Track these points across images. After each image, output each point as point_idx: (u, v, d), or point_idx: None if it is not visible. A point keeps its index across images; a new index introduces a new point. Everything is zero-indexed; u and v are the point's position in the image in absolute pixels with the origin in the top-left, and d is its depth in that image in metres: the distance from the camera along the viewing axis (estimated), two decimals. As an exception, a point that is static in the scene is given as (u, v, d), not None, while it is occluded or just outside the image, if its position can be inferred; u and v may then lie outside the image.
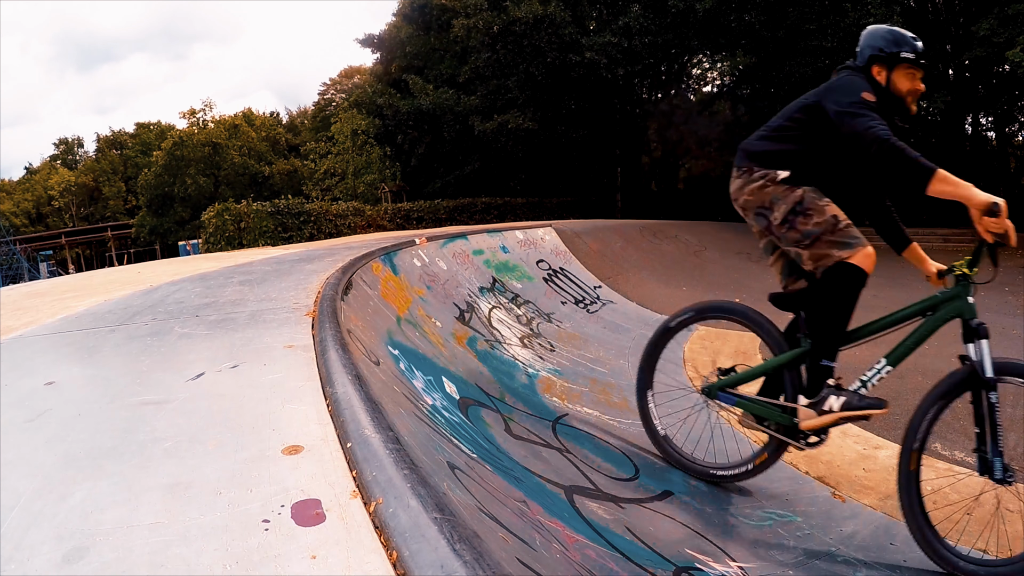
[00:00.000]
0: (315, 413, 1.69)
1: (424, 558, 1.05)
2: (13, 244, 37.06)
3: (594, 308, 6.78)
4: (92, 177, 48.30)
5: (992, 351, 2.30)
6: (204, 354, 2.26)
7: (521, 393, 3.81)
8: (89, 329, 2.75)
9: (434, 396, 2.69)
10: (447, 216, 16.03)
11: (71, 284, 4.58)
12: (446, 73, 20.57)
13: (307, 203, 12.83)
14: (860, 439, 3.55)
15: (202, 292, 3.45)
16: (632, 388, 3.32)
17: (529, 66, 16.91)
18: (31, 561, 1.09)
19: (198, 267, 4.62)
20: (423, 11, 22.03)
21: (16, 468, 1.44)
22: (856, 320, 2.64)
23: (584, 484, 2.61)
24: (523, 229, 8.03)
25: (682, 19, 15.63)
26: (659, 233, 11.13)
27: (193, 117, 42.17)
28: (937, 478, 2.86)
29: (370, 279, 4.07)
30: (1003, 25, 12.72)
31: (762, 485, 3.00)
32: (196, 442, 1.53)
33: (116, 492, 1.31)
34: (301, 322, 2.62)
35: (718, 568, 2.18)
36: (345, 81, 41.65)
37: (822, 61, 15.48)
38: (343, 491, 1.30)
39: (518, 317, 5.66)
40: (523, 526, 1.68)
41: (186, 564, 1.07)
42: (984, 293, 2.45)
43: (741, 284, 9.27)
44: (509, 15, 16.40)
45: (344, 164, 33.73)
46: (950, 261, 2.62)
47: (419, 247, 5.74)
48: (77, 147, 53.09)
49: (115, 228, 44.47)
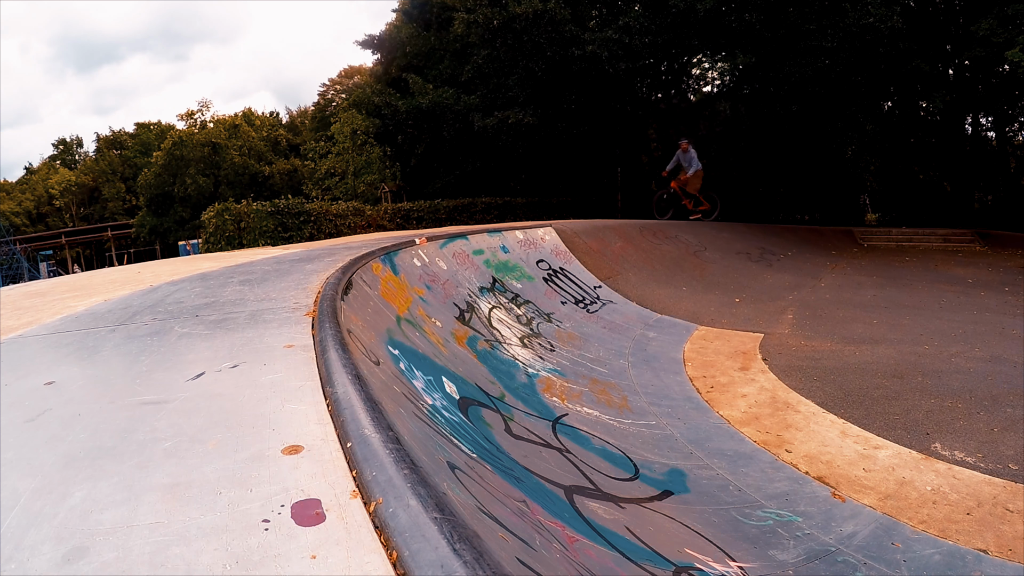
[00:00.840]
0: (315, 413, 1.69)
1: (424, 558, 1.05)
2: (13, 244, 37.07)
3: (594, 308, 6.78)
4: (92, 177, 48.29)
5: (992, 351, 2.30)
6: (204, 354, 2.26)
7: (521, 393, 3.81)
8: (89, 329, 2.75)
9: (434, 396, 2.69)
10: (447, 216, 16.02)
11: (71, 284, 4.58)
12: (446, 72, 20.56)
13: (307, 203, 12.81)
14: (860, 439, 3.55)
15: (202, 292, 3.45)
16: (632, 388, 3.32)
17: (529, 62, 16.89)
18: (31, 561, 1.09)
19: (198, 267, 4.62)
20: (423, 9, 22.03)
21: (16, 468, 1.44)
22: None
23: (584, 484, 2.61)
24: (523, 229, 8.03)
25: (682, 19, 15.62)
26: (659, 233, 11.13)
27: (191, 119, 42.25)
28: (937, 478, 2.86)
29: (370, 279, 4.07)
30: (1003, 25, 12.71)
31: (762, 485, 3.00)
32: (196, 442, 1.53)
33: (116, 492, 1.31)
34: (301, 322, 2.62)
35: (718, 568, 2.18)
36: (345, 81, 41.66)
37: (822, 61, 15.46)
38: (343, 491, 1.30)
39: (518, 317, 5.66)
40: (523, 526, 1.68)
41: (186, 564, 1.07)
42: (984, 293, 2.45)
43: (741, 284, 9.27)
44: (509, 11, 16.40)
45: (344, 164, 33.76)
46: (950, 261, 2.62)
47: (419, 247, 5.74)
48: (77, 147, 53.10)
49: (115, 228, 44.49)
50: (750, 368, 4.98)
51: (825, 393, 4.37)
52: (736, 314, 7.21)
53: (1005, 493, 2.79)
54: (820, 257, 12.58)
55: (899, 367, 4.87)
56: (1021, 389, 4.18)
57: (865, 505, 2.82)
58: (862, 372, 4.80)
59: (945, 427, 3.66)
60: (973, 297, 7.92)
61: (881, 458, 3.30)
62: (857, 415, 3.93)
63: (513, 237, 7.54)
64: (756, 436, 3.65)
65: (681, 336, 5.96)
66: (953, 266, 10.99)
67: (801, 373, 4.83)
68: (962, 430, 3.60)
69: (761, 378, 4.72)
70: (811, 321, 6.78)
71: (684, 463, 3.29)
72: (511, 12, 16.37)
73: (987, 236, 14.14)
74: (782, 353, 5.43)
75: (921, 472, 3.08)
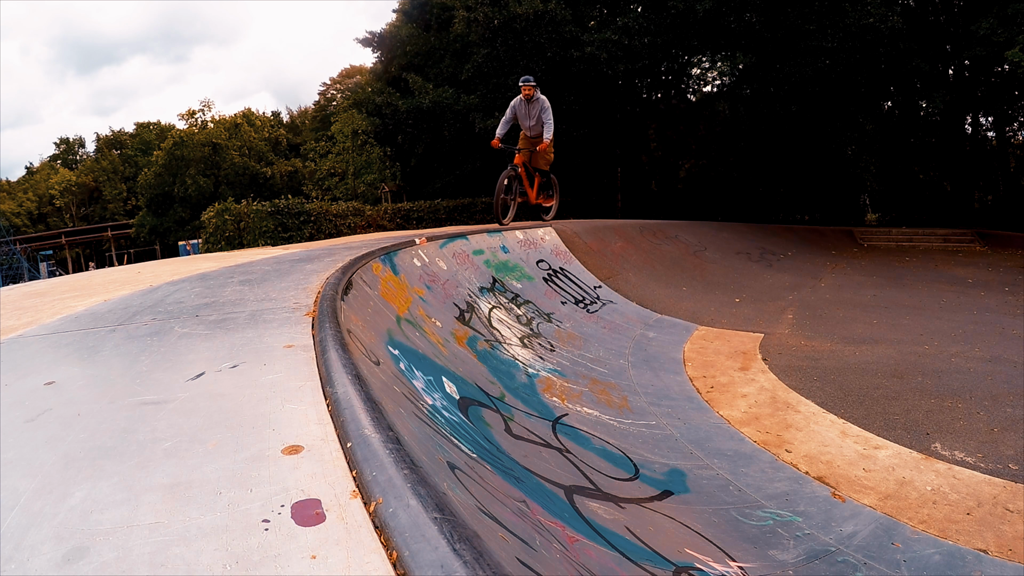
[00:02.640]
0: (315, 413, 1.69)
1: (424, 558, 1.05)
2: (13, 244, 37.08)
3: (594, 308, 6.78)
4: (92, 177, 48.26)
5: (992, 351, 2.30)
6: (204, 354, 2.26)
7: (521, 393, 3.81)
8: (89, 329, 2.75)
9: (434, 396, 2.69)
10: (447, 216, 16.02)
11: (71, 284, 4.58)
12: (446, 72, 20.55)
13: (307, 203, 12.82)
14: (860, 439, 3.55)
15: (202, 292, 3.45)
16: (632, 388, 3.33)
17: (530, 62, 16.90)
18: (31, 561, 1.09)
19: (198, 267, 4.62)
20: (423, 9, 22.04)
21: (16, 468, 1.44)
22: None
23: (584, 484, 2.61)
24: (523, 229, 8.02)
25: (682, 19, 15.62)
26: (659, 233, 11.13)
27: (192, 118, 42.23)
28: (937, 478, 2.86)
29: (370, 279, 4.07)
30: (1002, 24, 12.71)
31: (762, 485, 3.00)
32: (196, 442, 1.53)
33: (116, 492, 1.31)
34: (301, 322, 2.62)
35: (718, 568, 2.18)
36: (345, 81, 41.67)
37: (822, 61, 15.46)
38: (343, 491, 1.30)
39: (518, 317, 5.66)
40: (523, 526, 1.68)
41: (186, 564, 1.07)
42: (984, 293, 2.45)
43: (741, 284, 9.27)
44: (510, 10, 16.40)
45: (344, 164, 33.76)
46: (950, 261, 2.63)
47: (419, 247, 5.74)
48: (78, 147, 53.08)
49: (115, 228, 44.48)
50: (750, 368, 4.98)
51: (825, 393, 4.37)
52: (736, 314, 7.21)
53: (1005, 493, 2.79)
54: (820, 257, 12.58)
55: (899, 367, 4.87)
56: (1021, 389, 4.18)
57: (865, 505, 2.82)
58: (862, 372, 4.80)
59: (945, 427, 3.66)
60: (973, 297, 7.91)
61: (881, 458, 3.30)
62: (857, 415, 3.93)
63: (513, 237, 7.54)
64: (756, 436, 3.65)
65: (681, 336, 5.96)
66: (953, 266, 10.99)
67: (801, 373, 4.83)
68: (962, 430, 3.60)
69: (761, 378, 4.72)
70: (811, 321, 6.78)
71: (684, 463, 3.29)
72: (512, 12, 16.37)
73: (987, 236, 14.14)
74: (782, 353, 5.43)
75: (921, 472, 3.08)
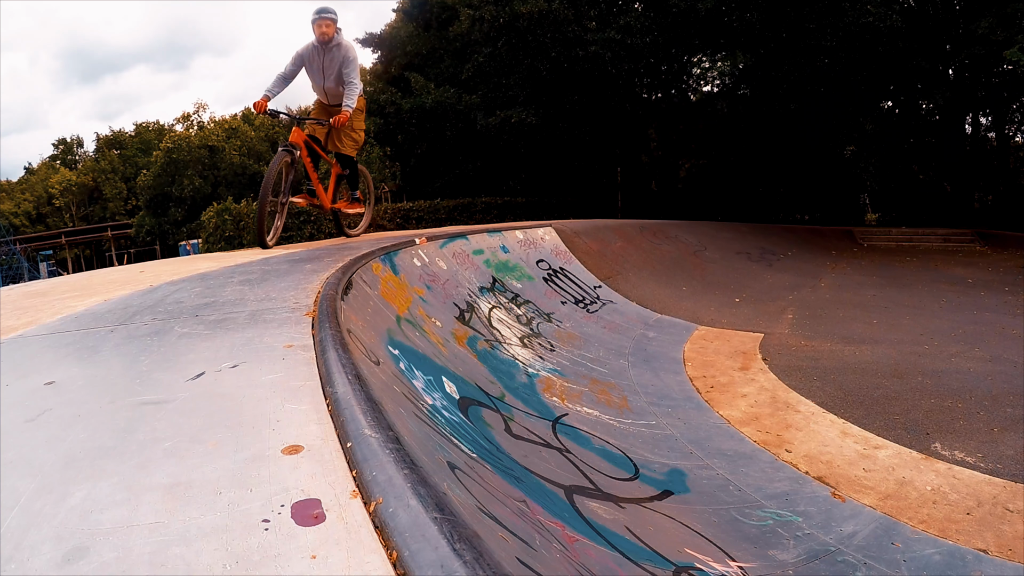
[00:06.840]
0: (315, 413, 1.69)
1: (424, 558, 1.05)
2: (13, 244, 37.08)
3: (594, 308, 6.78)
4: (92, 177, 48.24)
5: (992, 351, 2.31)
6: (204, 354, 2.26)
7: (521, 393, 3.81)
8: (89, 329, 2.74)
9: (434, 396, 2.69)
10: (447, 216, 16.02)
11: (71, 284, 4.58)
12: (447, 71, 20.56)
13: (307, 203, 12.81)
14: (860, 439, 3.56)
15: (202, 292, 3.44)
16: (632, 388, 3.33)
17: (534, 61, 16.91)
18: (31, 561, 1.09)
19: (198, 267, 4.61)
20: (423, 8, 22.05)
21: (16, 468, 1.44)
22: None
23: (584, 484, 2.61)
24: (523, 229, 8.02)
25: (683, 19, 15.63)
26: (659, 233, 11.13)
27: (187, 121, 42.24)
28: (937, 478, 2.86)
29: (370, 279, 4.07)
30: (1002, 24, 12.71)
31: (762, 485, 3.00)
32: (196, 442, 1.53)
33: (116, 492, 1.31)
34: (301, 322, 2.62)
35: (718, 568, 2.18)
36: (345, 81, 41.59)
37: (822, 60, 15.48)
38: (343, 491, 1.30)
39: (518, 317, 5.66)
40: (523, 526, 1.68)
41: (186, 564, 1.07)
42: (984, 293, 2.45)
43: (741, 284, 9.27)
44: (514, 9, 16.41)
45: (344, 164, 33.69)
46: (950, 261, 2.63)
47: (419, 247, 5.74)
48: (77, 147, 53.04)
49: (115, 228, 44.47)
50: (750, 368, 4.98)
51: (825, 393, 4.37)
52: (736, 314, 7.21)
53: (1005, 493, 2.79)
54: (820, 257, 12.59)
55: (899, 367, 4.87)
56: (1021, 389, 4.18)
57: (865, 505, 2.82)
58: (862, 372, 4.81)
59: (945, 427, 3.67)
60: (973, 297, 7.91)
61: (881, 458, 3.30)
62: (857, 415, 3.93)
63: (513, 237, 7.54)
64: (756, 436, 3.66)
65: (681, 336, 5.96)
66: (953, 266, 10.99)
67: (801, 373, 4.84)
68: (962, 430, 3.60)
69: (761, 378, 4.72)
70: (811, 321, 6.78)
71: (684, 463, 3.29)
72: (516, 11, 16.37)
73: (987, 236, 14.14)
74: (782, 353, 5.43)
75: (921, 472, 3.08)
